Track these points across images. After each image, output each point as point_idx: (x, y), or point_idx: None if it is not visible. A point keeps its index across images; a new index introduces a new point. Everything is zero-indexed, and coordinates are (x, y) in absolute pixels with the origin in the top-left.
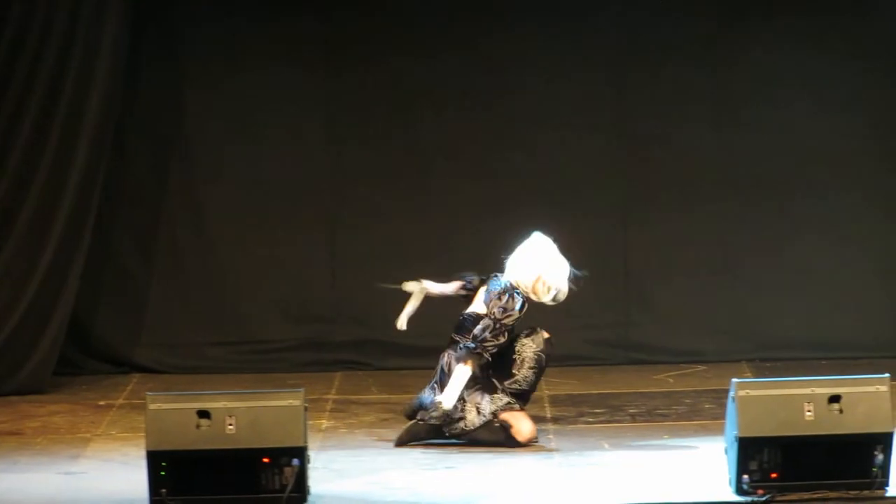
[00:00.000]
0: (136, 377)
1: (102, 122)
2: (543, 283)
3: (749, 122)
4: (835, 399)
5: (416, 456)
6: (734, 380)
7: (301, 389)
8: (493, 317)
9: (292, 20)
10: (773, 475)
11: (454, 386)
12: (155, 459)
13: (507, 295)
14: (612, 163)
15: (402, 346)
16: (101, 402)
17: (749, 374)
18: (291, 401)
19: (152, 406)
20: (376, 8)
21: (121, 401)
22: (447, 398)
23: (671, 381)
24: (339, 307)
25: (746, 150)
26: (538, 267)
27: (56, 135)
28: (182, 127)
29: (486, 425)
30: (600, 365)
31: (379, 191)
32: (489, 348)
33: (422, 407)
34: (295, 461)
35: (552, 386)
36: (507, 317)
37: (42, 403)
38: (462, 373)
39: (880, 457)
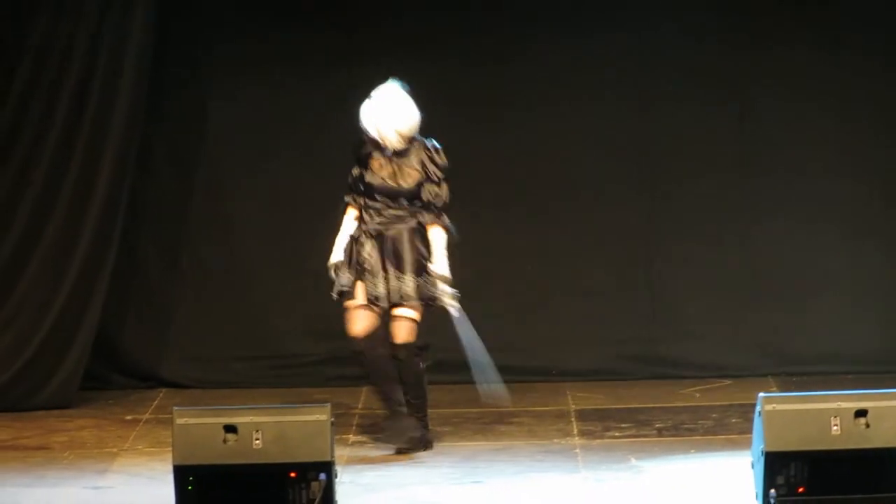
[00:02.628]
0: (162, 392)
1: (127, 137)
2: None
3: (773, 137)
4: (861, 413)
5: (443, 470)
6: (761, 394)
7: (328, 404)
8: (439, 177)
9: (317, 34)
10: (800, 489)
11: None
12: (182, 474)
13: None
14: (637, 177)
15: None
16: (128, 417)
17: (775, 389)
18: (318, 415)
19: (179, 421)
20: (400, 22)
21: (147, 415)
22: (442, 267)
23: (697, 395)
24: None
25: (773, 165)
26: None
27: (81, 150)
28: (207, 141)
29: None
30: (626, 380)
31: None
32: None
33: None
34: (322, 476)
35: (578, 401)
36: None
37: (69, 418)
38: (442, 237)
39: None
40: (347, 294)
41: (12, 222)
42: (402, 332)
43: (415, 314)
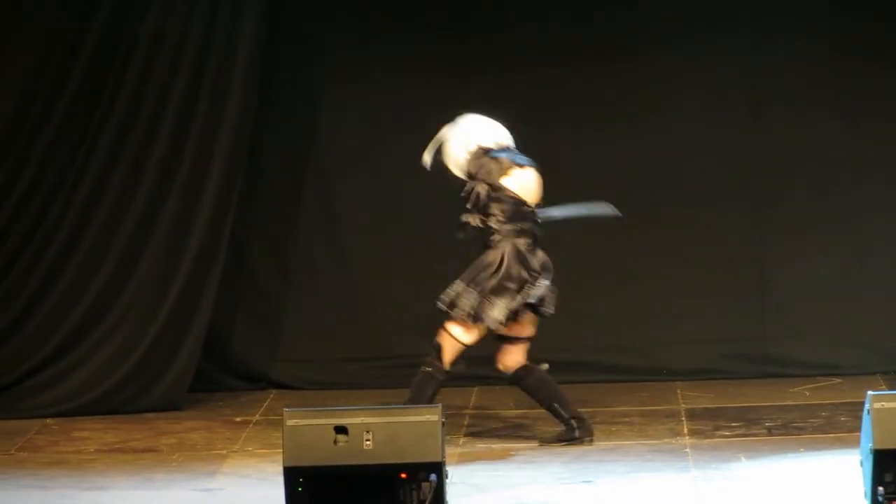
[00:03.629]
0: (272, 393)
1: (237, 138)
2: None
3: (882, 132)
4: None
5: (553, 470)
6: (870, 392)
7: (438, 404)
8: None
9: (427, 32)
10: None
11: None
12: (292, 475)
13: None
14: (746, 179)
15: (539, 360)
16: (238, 419)
17: (884, 387)
18: (429, 416)
19: (289, 422)
20: (511, 22)
21: (257, 417)
22: None
23: (807, 394)
24: None
25: (880, 159)
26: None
27: (191, 150)
28: (317, 142)
29: None
30: (736, 379)
31: None
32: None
33: None
34: (433, 476)
35: (688, 400)
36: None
37: (178, 420)
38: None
39: None
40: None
41: (122, 222)
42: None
43: (449, 322)
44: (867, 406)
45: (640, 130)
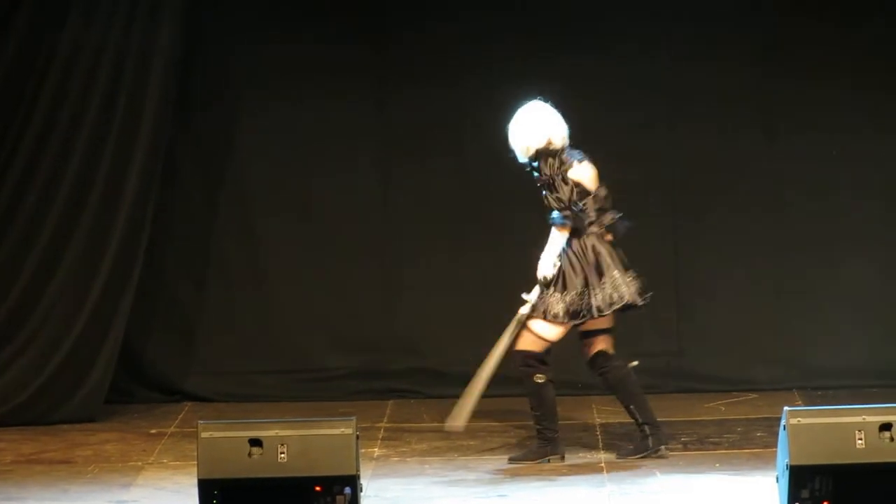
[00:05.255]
0: (187, 405)
1: (153, 151)
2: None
3: (803, 146)
4: (886, 427)
5: (468, 484)
6: (786, 408)
7: (353, 418)
8: (551, 180)
9: (347, 49)
10: (825, 503)
11: (548, 251)
12: (207, 488)
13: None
14: (662, 187)
15: (454, 374)
16: (153, 431)
17: (800, 403)
18: (343, 429)
19: (204, 434)
20: (429, 38)
21: (172, 429)
22: (544, 265)
23: (723, 409)
24: (391, 336)
25: (801, 174)
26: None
27: (107, 162)
28: (233, 155)
29: None
30: (651, 393)
31: (433, 221)
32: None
33: None
34: (347, 490)
35: (604, 414)
36: (562, 168)
37: (93, 432)
38: (556, 237)
39: None
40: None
41: (38, 235)
42: (521, 339)
43: (537, 325)
44: (783, 421)
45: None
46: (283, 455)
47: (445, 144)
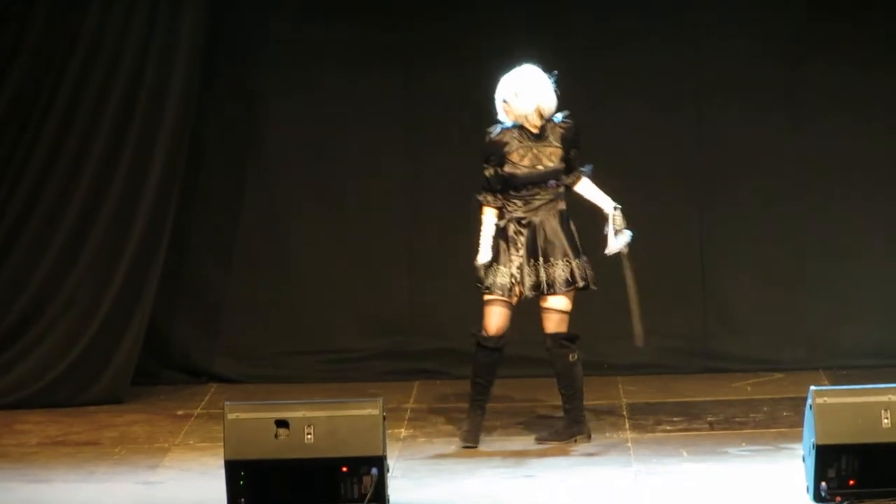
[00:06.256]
0: (213, 387)
1: (178, 132)
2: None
3: (828, 130)
4: None
5: (494, 464)
6: (812, 388)
7: (379, 398)
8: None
9: (371, 25)
10: (851, 482)
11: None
12: (233, 469)
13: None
14: (688, 169)
15: None
16: (180, 412)
17: (826, 382)
18: (370, 410)
19: (231, 416)
20: (456, 16)
21: (199, 410)
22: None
23: (749, 389)
24: (417, 316)
25: (826, 158)
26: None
27: (132, 144)
28: (259, 134)
29: None
30: (677, 373)
31: (459, 202)
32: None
33: None
34: (374, 470)
35: (630, 395)
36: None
37: (120, 413)
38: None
39: None
40: (490, 290)
41: (63, 216)
42: (552, 322)
43: (565, 304)
44: (809, 401)
45: (584, 127)
46: (309, 436)
47: (472, 121)
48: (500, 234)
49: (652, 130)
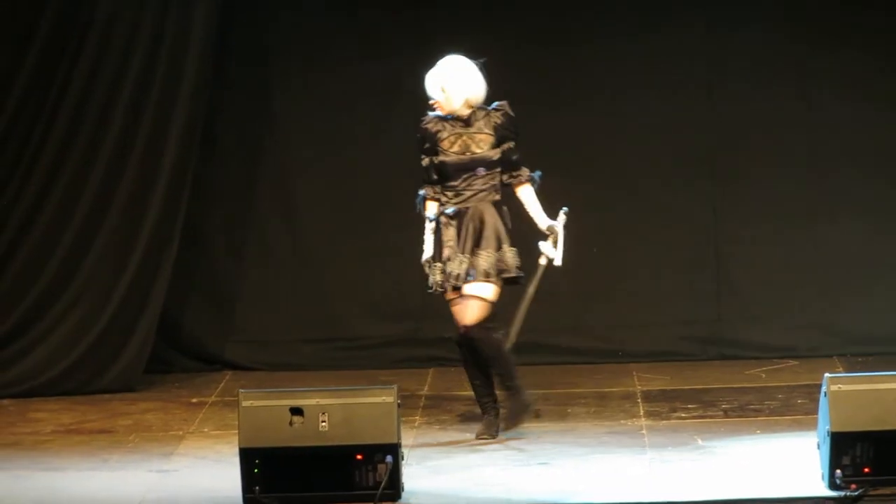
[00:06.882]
0: (228, 374)
1: (191, 119)
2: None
3: (841, 112)
4: None
5: (509, 452)
6: (827, 375)
7: (394, 386)
8: (514, 132)
9: (384, 15)
10: (866, 470)
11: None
12: (248, 457)
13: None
14: (702, 161)
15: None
16: (194, 400)
17: (841, 370)
18: (384, 397)
19: (245, 403)
20: (468, 10)
21: (213, 398)
22: (544, 221)
23: (763, 376)
24: (431, 304)
25: (840, 141)
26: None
27: (145, 131)
28: (273, 122)
29: None
30: (692, 360)
31: None
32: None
33: None
34: (388, 458)
35: (644, 382)
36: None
37: (134, 401)
38: (532, 192)
39: None
40: (442, 288)
41: (77, 205)
42: (472, 311)
43: (488, 292)
44: (824, 388)
45: (595, 113)
46: (324, 424)
47: None
48: (438, 231)
49: (665, 116)
